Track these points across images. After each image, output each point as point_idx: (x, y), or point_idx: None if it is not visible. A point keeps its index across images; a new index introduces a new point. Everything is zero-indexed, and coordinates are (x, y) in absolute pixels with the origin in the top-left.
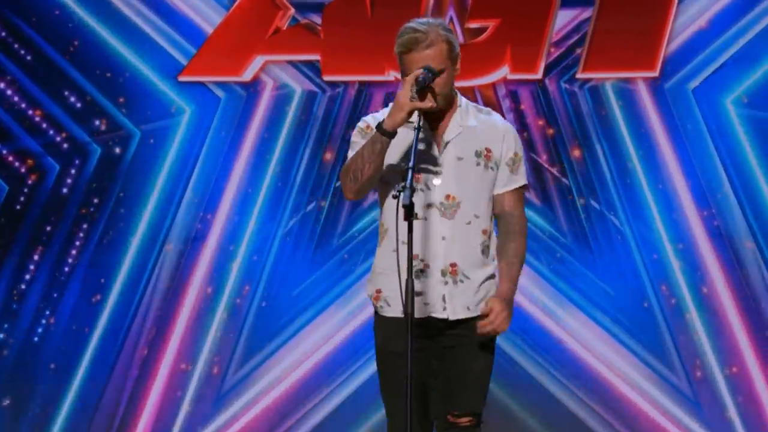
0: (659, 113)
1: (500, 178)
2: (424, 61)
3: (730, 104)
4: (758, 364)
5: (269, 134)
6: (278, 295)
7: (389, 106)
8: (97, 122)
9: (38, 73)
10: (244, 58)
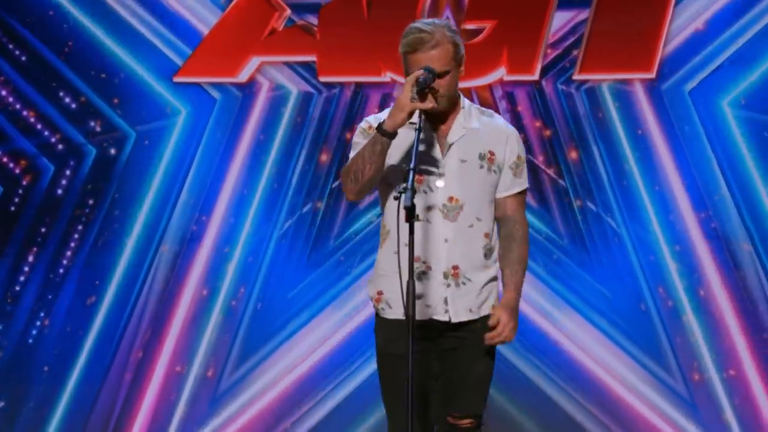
0: (656, 115)
1: (503, 181)
2: (429, 61)
3: (726, 106)
4: (755, 366)
5: (265, 135)
6: (274, 296)
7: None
8: (92, 123)
9: (33, 73)
10: (239, 59)
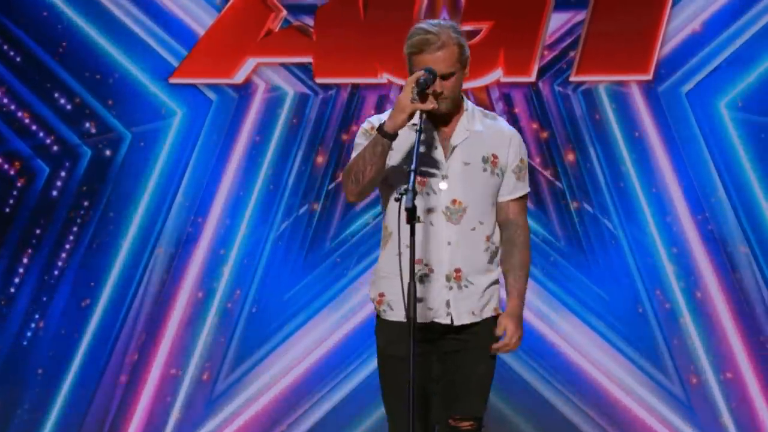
0: (653, 116)
1: (505, 185)
2: (434, 63)
3: (723, 108)
4: (752, 368)
5: (261, 137)
6: (270, 299)
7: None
8: (87, 124)
9: (27, 74)
10: (235, 60)
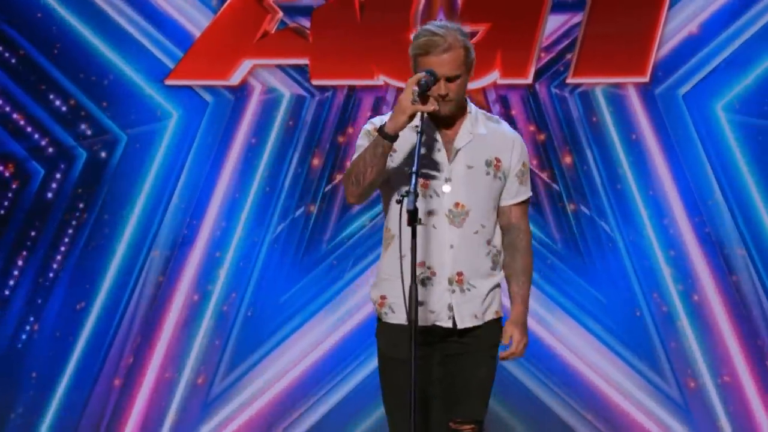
0: (650, 119)
1: (508, 189)
2: (440, 65)
3: (720, 110)
4: (749, 371)
5: (257, 139)
6: (266, 301)
7: None
8: (82, 126)
9: (22, 76)
10: (231, 61)
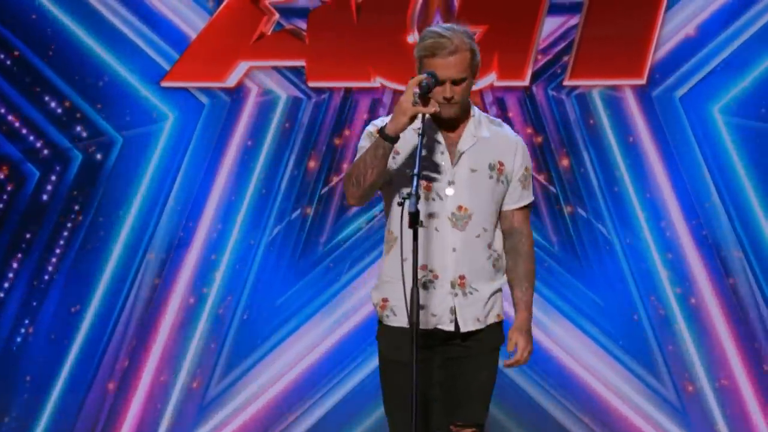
0: (647, 121)
1: (512, 194)
2: (446, 67)
3: (717, 112)
4: (747, 375)
5: (253, 141)
6: (262, 304)
7: None
8: (78, 128)
9: (17, 77)
10: (228, 63)
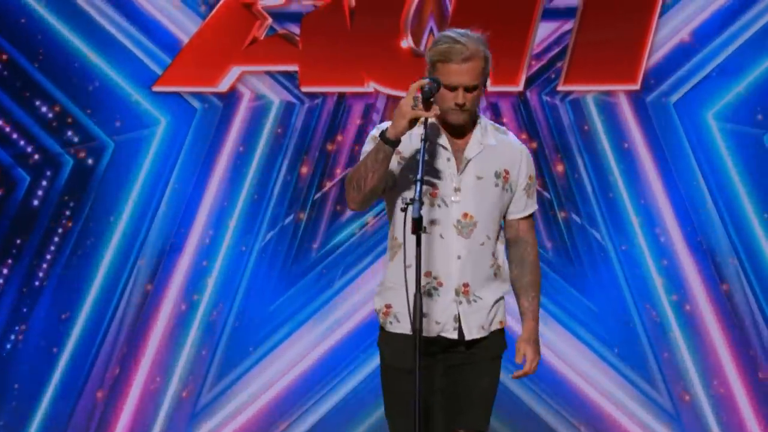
0: (641, 127)
1: (517, 203)
2: (459, 73)
3: (711, 118)
4: (741, 382)
5: (246, 146)
6: (254, 310)
7: None
8: (68, 133)
9: (7, 81)
10: (220, 68)
